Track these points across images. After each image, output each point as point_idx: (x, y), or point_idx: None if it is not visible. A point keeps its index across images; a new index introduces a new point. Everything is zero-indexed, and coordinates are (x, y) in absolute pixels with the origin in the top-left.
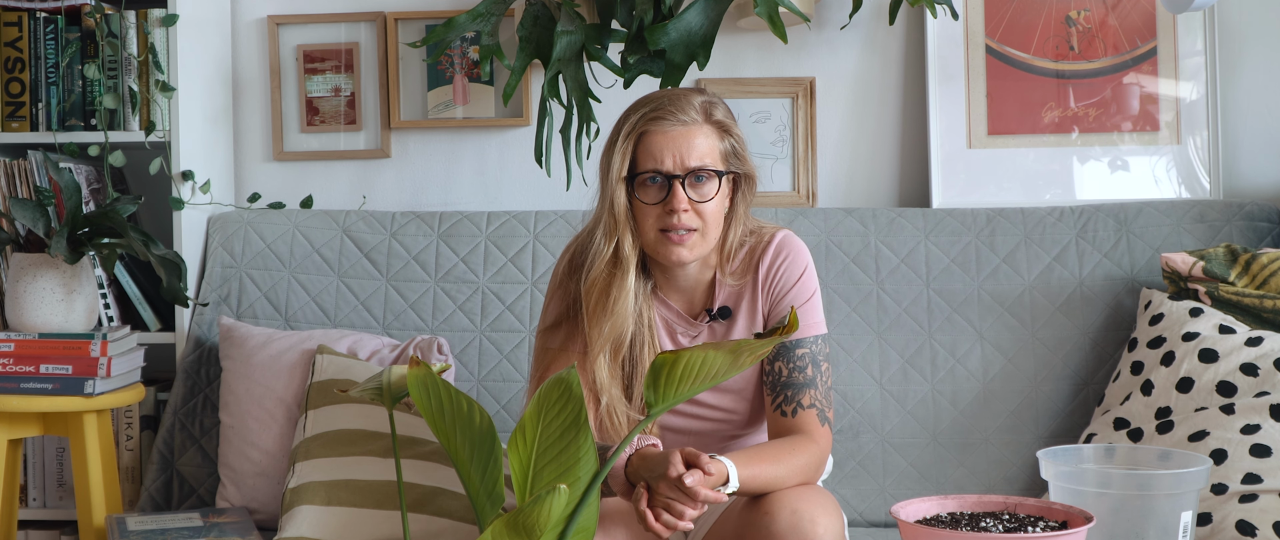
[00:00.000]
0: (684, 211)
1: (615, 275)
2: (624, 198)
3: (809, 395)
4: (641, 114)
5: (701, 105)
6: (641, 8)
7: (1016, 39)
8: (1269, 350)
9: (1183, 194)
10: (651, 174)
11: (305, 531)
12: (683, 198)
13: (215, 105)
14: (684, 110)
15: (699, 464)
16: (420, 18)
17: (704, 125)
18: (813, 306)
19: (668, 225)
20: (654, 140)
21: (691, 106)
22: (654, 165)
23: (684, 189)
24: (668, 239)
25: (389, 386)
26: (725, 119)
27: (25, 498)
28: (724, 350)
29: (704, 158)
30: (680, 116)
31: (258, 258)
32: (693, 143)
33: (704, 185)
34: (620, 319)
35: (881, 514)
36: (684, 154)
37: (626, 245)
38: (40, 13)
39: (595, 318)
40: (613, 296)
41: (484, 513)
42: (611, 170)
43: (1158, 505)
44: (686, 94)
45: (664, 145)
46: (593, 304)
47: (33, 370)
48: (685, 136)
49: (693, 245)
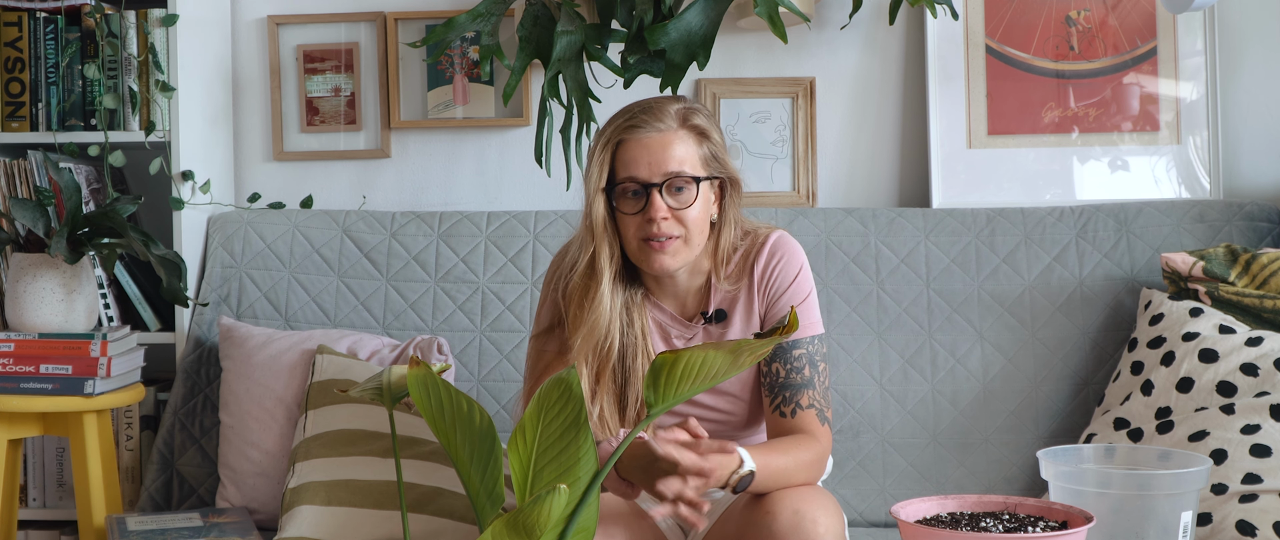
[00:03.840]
0: (663, 219)
1: (589, 285)
2: (603, 209)
3: (807, 396)
4: (617, 124)
5: (678, 112)
6: (641, 8)
7: (1016, 39)
8: (1269, 350)
9: (1183, 194)
10: (628, 182)
11: (305, 531)
12: (661, 205)
13: (215, 105)
14: (660, 118)
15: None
16: (420, 18)
17: (679, 131)
18: (809, 306)
19: (648, 234)
20: (629, 149)
21: (667, 114)
22: (630, 173)
23: (662, 196)
24: (650, 247)
25: (389, 386)
26: (704, 124)
27: (25, 498)
28: (724, 350)
29: (682, 164)
30: (656, 124)
31: (258, 258)
32: (669, 150)
33: (682, 192)
34: (596, 329)
35: (881, 514)
36: (660, 161)
37: (603, 257)
38: (40, 13)
39: (574, 325)
40: (587, 306)
41: (484, 513)
42: (589, 181)
43: (1158, 505)
44: (663, 102)
45: (639, 154)
46: (572, 311)
47: (33, 370)
48: (660, 144)
49: (675, 252)
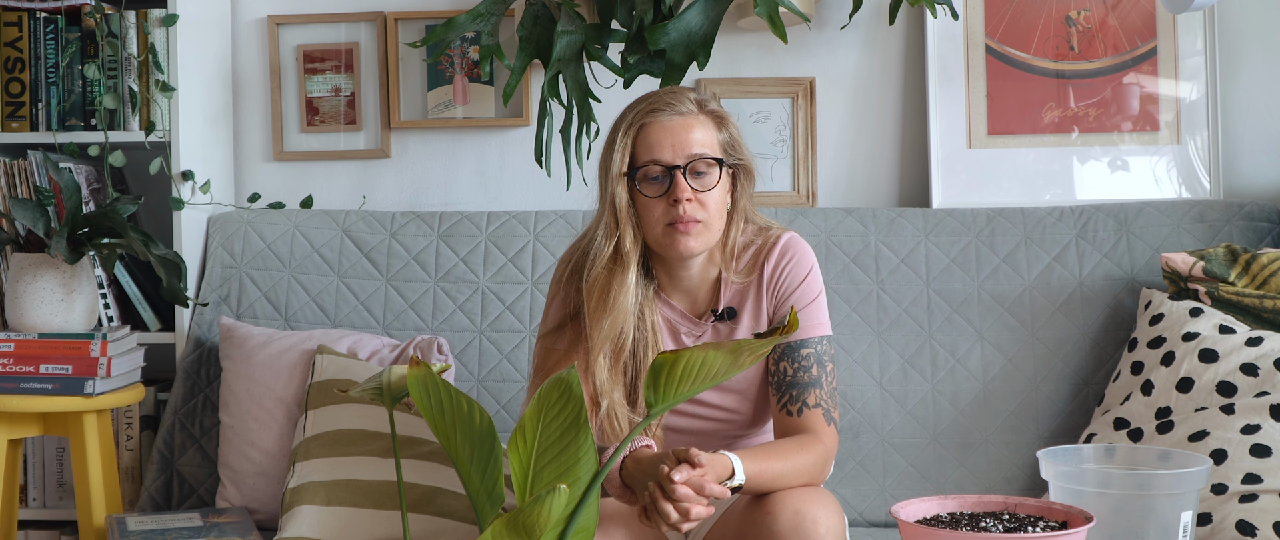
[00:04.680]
0: (687, 200)
1: (615, 272)
2: (625, 194)
3: (814, 395)
4: (638, 109)
5: (696, 99)
6: (641, 8)
7: (1016, 39)
8: (1269, 350)
9: (1183, 194)
10: (652, 165)
11: (305, 531)
12: (685, 186)
13: (215, 105)
14: (680, 102)
15: (690, 458)
16: (420, 18)
17: (700, 115)
18: (817, 307)
19: (673, 217)
20: (652, 132)
21: (687, 99)
22: (654, 156)
23: (686, 178)
24: (674, 231)
25: (389, 386)
26: (720, 111)
27: (25, 498)
28: (724, 350)
29: (703, 147)
30: (677, 108)
31: (258, 258)
32: (691, 132)
33: (705, 175)
34: (620, 316)
35: (881, 514)
36: (683, 143)
37: (627, 242)
38: (40, 13)
39: (596, 316)
40: (613, 294)
41: (484, 513)
42: (612, 167)
43: (1158, 505)
44: (681, 89)
45: (662, 136)
46: (594, 303)
47: (33, 370)
48: (683, 126)
49: (698, 235)
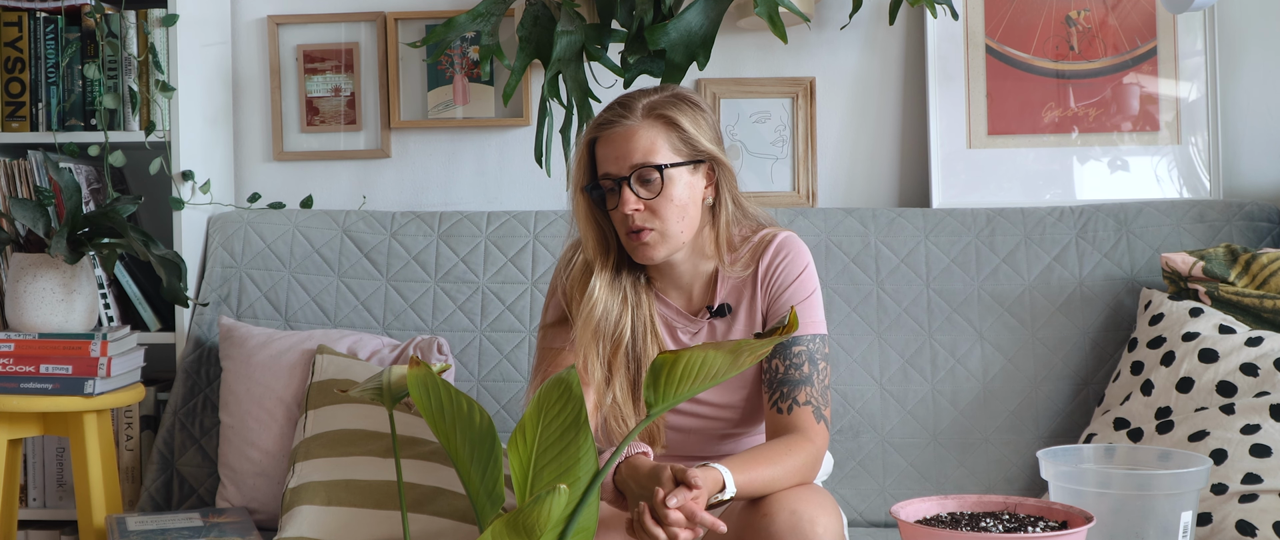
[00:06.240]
0: (634, 211)
1: (585, 277)
2: (584, 207)
3: (804, 392)
4: (592, 123)
5: (646, 104)
6: (641, 8)
7: (1016, 39)
8: (1269, 350)
9: (1183, 194)
10: (604, 179)
11: (305, 531)
12: (631, 198)
13: (215, 105)
14: (628, 112)
15: (687, 479)
16: (420, 18)
17: (643, 121)
18: (811, 305)
19: (627, 227)
20: (601, 148)
21: (634, 108)
22: (604, 170)
23: (631, 188)
24: (631, 240)
25: (389, 386)
26: (671, 113)
27: (25, 498)
28: (724, 350)
29: (648, 154)
30: (623, 120)
31: (258, 258)
32: (632, 142)
33: (650, 182)
34: (591, 319)
35: (881, 514)
36: (625, 154)
37: (590, 250)
38: (40, 13)
39: (574, 317)
40: (584, 297)
41: (484, 513)
42: (574, 181)
43: (1158, 505)
44: (635, 95)
45: (607, 150)
46: (573, 304)
47: (33, 370)
48: (625, 137)
49: (655, 243)
